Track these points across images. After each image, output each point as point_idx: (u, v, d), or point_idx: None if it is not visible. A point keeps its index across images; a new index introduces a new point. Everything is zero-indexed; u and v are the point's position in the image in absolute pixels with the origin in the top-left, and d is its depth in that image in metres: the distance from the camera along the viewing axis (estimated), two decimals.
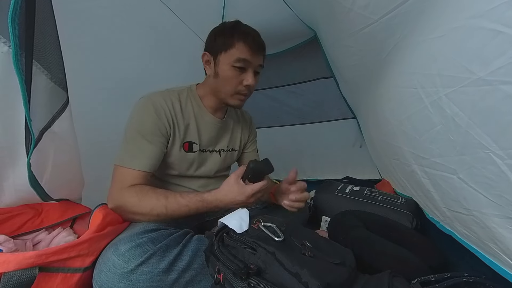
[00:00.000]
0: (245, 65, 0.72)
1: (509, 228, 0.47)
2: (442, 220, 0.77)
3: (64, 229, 0.66)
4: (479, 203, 0.52)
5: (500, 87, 0.39)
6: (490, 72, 0.41)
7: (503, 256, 0.52)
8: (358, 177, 1.56)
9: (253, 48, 0.71)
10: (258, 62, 0.74)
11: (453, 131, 0.53)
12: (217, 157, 0.87)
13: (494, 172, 0.45)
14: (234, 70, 0.72)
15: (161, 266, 0.54)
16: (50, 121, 0.53)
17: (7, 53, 0.44)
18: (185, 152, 0.79)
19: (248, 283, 0.44)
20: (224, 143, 0.89)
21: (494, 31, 0.38)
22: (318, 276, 0.44)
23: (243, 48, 0.71)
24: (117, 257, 0.53)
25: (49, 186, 0.60)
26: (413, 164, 0.79)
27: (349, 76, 1.23)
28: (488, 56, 0.40)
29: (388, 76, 0.80)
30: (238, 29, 0.73)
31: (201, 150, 0.82)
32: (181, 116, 0.77)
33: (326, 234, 0.84)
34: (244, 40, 0.71)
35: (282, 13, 1.27)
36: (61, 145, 0.60)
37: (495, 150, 0.44)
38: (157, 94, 0.75)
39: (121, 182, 0.68)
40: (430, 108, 0.59)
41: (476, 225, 0.56)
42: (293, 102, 1.68)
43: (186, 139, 0.79)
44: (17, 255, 0.42)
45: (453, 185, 0.59)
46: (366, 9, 0.69)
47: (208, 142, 0.84)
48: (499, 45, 0.38)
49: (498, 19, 0.38)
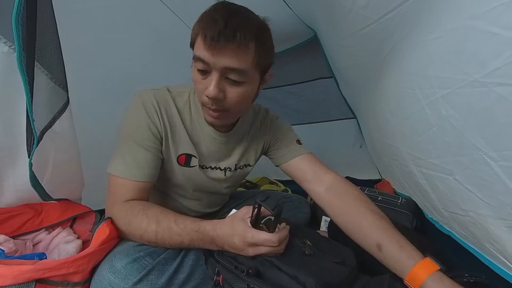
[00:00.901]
0: (205, 68, 0.52)
1: (504, 229, 0.48)
2: (441, 220, 0.77)
3: (64, 229, 0.66)
4: (475, 204, 0.52)
5: (495, 89, 0.40)
6: (485, 74, 0.41)
7: (500, 256, 0.52)
8: (358, 177, 1.56)
9: (213, 44, 0.48)
10: (221, 63, 0.50)
11: (449, 132, 0.54)
12: (221, 176, 0.72)
13: (488, 173, 0.46)
14: (197, 74, 0.54)
15: (160, 282, 0.49)
16: (51, 121, 0.53)
17: (7, 53, 0.44)
18: (181, 166, 0.66)
19: (247, 284, 0.44)
20: (232, 161, 0.72)
21: (490, 33, 0.39)
22: (315, 275, 0.44)
23: (200, 43, 0.50)
24: (112, 274, 0.48)
25: (49, 186, 0.61)
26: (411, 164, 0.79)
27: (349, 76, 1.23)
28: (484, 58, 0.41)
29: (387, 76, 0.80)
30: (207, 16, 0.51)
31: (200, 166, 0.68)
32: (177, 122, 0.64)
33: (326, 234, 0.84)
34: (204, 32, 0.49)
35: (282, 13, 1.26)
36: (61, 145, 0.60)
37: (489, 152, 0.44)
38: (150, 93, 0.63)
39: (115, 195, 0.58)
40: (427, 109, 0.59)
41: (473, 226, 0.57)
42: (293, 102, 1.67)
43: (183, 151, 0.65)
44: (14, 269, 0.41)
45: (449, 186, 0.60)
46: (365, 9, 0.69)
47: (209, 158, 0.69)
48: (494, 47, 0.38)
49: (494, 21, 0.38)
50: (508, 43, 0.36)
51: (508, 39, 0.36)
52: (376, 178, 1.51)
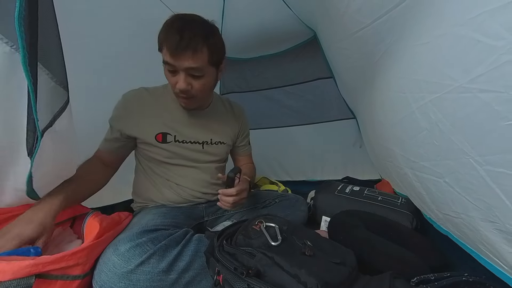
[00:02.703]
0: (173, 69, 0.69)
1: (493, 232, 0.48)
2: (437, 221, 0.77)
3: (64, 229, 0.66)
4: (465, 206, 0.53)
5: (478, 95, 0.41)
6: (470, 79, 0.42)
7: (493, 257, 0.52)
8: (358, 177, 1.56)
9: (175, 52, 0.66)
10: (184, 65, 0.67)
11: (438, 136, 0.54)
12: (199, 148, 0.87)
13: (475, 177, 0.46)
14: (168, 72, 0.72)
15: (161, 266, 0.54)
16: (52, 120, 0.53)
17: (9, 53, 0.44)
18: (158, 143, 0.81)
19: (247, 284, 0.44)
20: (208, 136, 0.89)
21: (474, 40, 0.39)
22: (316, 275, 0.44)
23: (166, 52, 0.68)
24: (117, 257, 0.53)
25: (49, 186, 0.60)
26: (404, 167, 0.80)
27: (346, 78, 1.23)
28: (469, 64, 0.41)
29: (380, 80, 0.81)
30: (166, 29, 0.68)
31: (177, 141, 0.83)
32: (151, 111, 0.81)
33: (326, 234, 0.84)
34: (167, 44, 0.67)
35: (282, 13, 1.27)
36: (61, 144, 0.60)
37: (475, 156, 0.45)
38: (130, 90, 0.83)
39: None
40: (417, 113, 0.60)
41: (466, 227, 0.57)
42: (293, 103, 1.68)
43: (159, 131, 0.81)
44: (13, 264, 0.41)
45: (441, 189, 0.60)
46: (359, 13, 0.70)
47: (186, 134, 0.84)
48: (478, 54, 0.39)
49: (478, 28, 0.39)
50: (491, 50, 0.37)
51: (490, 46, 0.37)
52: (376, 178, 1.51)
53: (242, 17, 1.28)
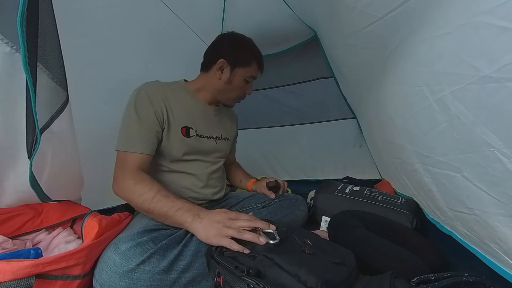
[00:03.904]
0: (252, 80, 0.91)
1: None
2: (443, 220, 0.77)
3: (64, 229, 0.66)
4: (483, 201, 0.52)
5: (507, 84, 0.39)
6: (497, 69, 0.40)
7: (504, 256, 0.52)
8: (358, 177, 1.56)
9: (262, 69, 0.92)
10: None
11: (458, 129, 0.53)
12: (213, 144, 0.93)
13: (500, 170, 0.45)
14: (245, 82, 0.89)
15: (161, 265, 0.54)
16: (49, 120, 0.53)
17: (9, 54, 0.44)
18: (183, 136, 0.83)
19: (247, 284, 0.44)
20: (219, 132, 0.96)
21: (501, 28, 0.38)
22: (316, 273, 0.44)
23: (256, 68, 0.89)
24: (117, 256, 0.53)
25: (48, 186, 0.60)
26: (416, 163, 0.79)
27: (350, 75, 1.22)
28: (495, 53, 0.40)
29: (391, 74, 0.80)
30: (255, 49, 0.90)
31: (198, 136, 0.87)
32: (175, 104, 0.82)
33: (326, 234, 0.84)
34: (257, 62, 0.89)
35: (282, 13, 1.26)
36: (60, 145, 0.60)
37: (501, 148, 0.44)
38: (149, 84, 0.81)
39: (123, 166, 0.71)
40: (435, 106, 0.58)
41: (478, 224, 0.56)
42: (293, 102, 1.68)
43: (183, 124, 0.83)
44: (13, 264, 0.41)
45: (456, 184, 0.59)
46: (369, 6, 0.68)
47: (205, 129, 0.89)
48: (506, 42, 0.38)
49: (506, 16, 0.37)
50: None
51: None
52: (376, 178, 1.51)
53: (242, 17, 1.28)
